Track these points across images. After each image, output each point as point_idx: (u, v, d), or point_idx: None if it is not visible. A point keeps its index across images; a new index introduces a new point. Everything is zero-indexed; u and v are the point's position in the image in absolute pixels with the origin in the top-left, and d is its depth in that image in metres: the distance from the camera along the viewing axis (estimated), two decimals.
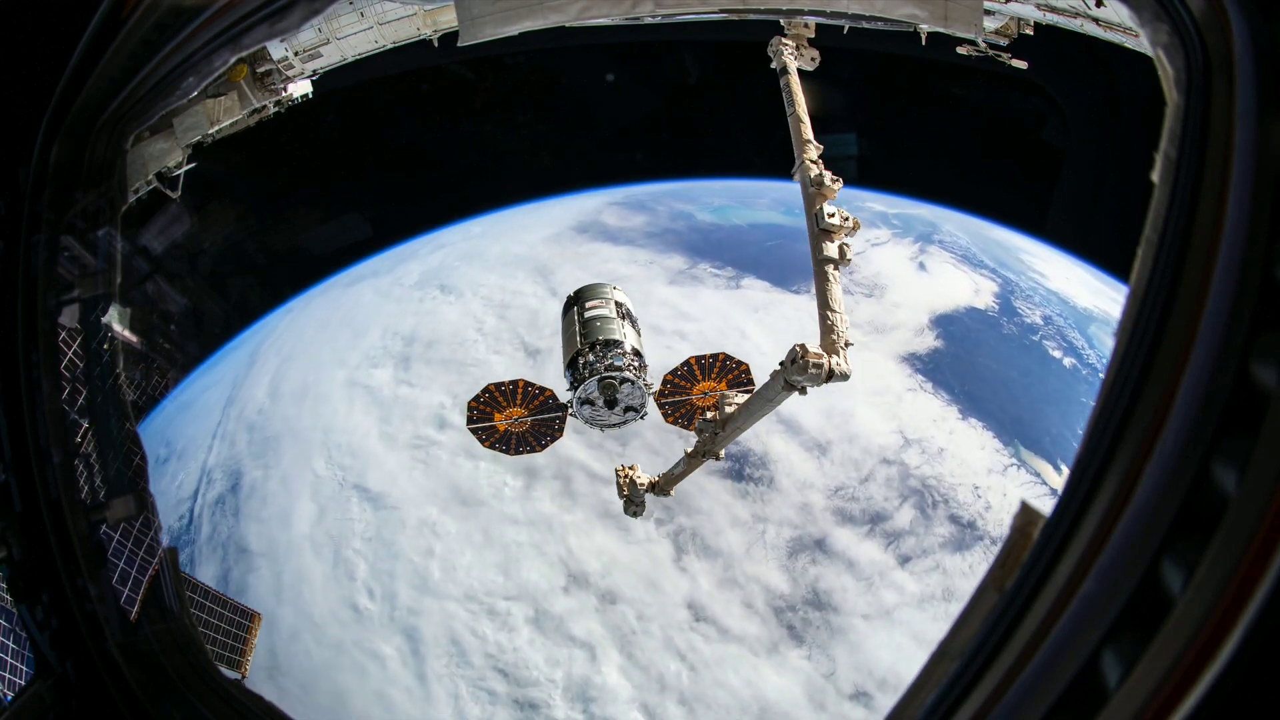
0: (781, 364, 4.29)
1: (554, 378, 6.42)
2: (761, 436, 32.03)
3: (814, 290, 4.36)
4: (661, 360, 6.52)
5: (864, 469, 31.20)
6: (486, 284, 41.96)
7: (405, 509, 31.65)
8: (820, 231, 4.44)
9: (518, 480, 32.76)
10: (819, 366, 4.08)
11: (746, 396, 5.61)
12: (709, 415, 5.73)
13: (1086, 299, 34.96)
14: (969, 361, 34.32)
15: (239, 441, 34.16)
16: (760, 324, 37.23)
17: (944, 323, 35.74)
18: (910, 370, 33.88)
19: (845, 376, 4.16)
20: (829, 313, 4.23)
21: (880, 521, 29.63)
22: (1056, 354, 33.43)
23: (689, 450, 6.20)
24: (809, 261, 4.42)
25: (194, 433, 34.23)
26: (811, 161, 4.82)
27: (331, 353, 39.06)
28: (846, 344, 4.20)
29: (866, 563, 28.60)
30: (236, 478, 32.47)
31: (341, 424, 35.03)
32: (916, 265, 39.54)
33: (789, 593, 28.84)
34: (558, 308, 6.67)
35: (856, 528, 29.62)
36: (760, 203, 45.43)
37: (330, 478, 32.87)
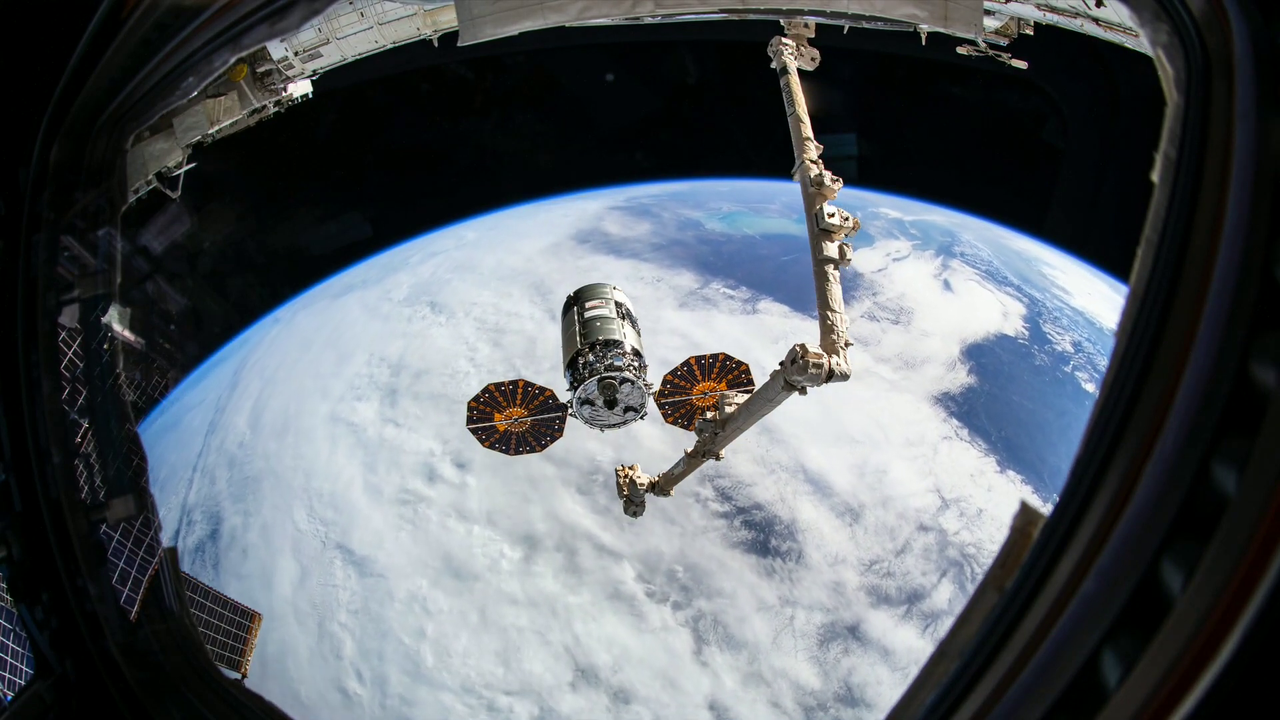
0: (781, 364, 4.29)
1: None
2: (789, 501, 29.33)
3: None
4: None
5: (900, 538, 28.27)
6: (480, 302, 38.63)
7: (393, 578, 28.61)
8: (820, 231, 4.44)
9: (515, 550, 29.36)
10: (819, 366, 4.08)
11: (746, 396, 5.61)
12: (709, 415, 5.73)
13: (1112, 318, 33.43)
14: (1004, 400, 31.93)
15: (219, 479, 31.93)
16: (781, 357, 34.31)
17: (975, 354, 33.30)
18: (945, 414, 31.41)
19: (845, 376, 4.16)
20: (829, 313, 4.23)
21: (918, 600, 26.88)
22: (1090, 387, 31.87)
23: (689, 450, 6.20)
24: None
25: (175, 461, 32.35)
26: (811, 161, 4.82)
27: (315, 379, 36.11)
28: (846, 344, 4.20)
29: (903, 651, 25.83)
30: (216, 522, 30.37)
31: (323, 468, 32.09)
32: (941, 284, 37.11)
33: (820, 688, 25.43)
34: (557, 334, 6.52)
35: (893, 609, 26.81)
36: (771, 209, 42.63)
37: (312, 533, 29.91)
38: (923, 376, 32.72)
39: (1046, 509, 2.10)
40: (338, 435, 33.42)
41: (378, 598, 28.26)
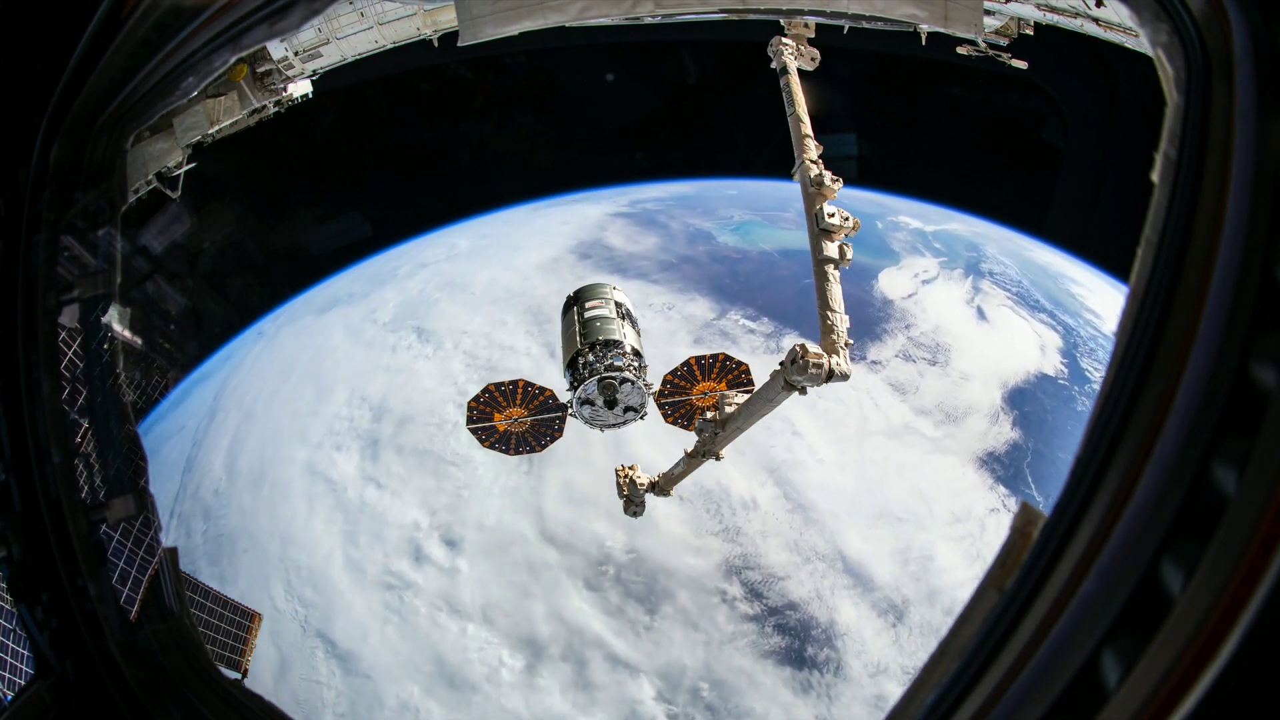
0: (781, 364, 4.30)
1: (558, 482, 6.03)
2: (826, 599, 26.20)
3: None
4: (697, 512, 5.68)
5: None
6: (471, 331, 34.96)
7: (381, 680, 25.21)
8: (820, 231, 4.44)
9: (516, 658, 25.60)
10: (819, 366, 4.09)
11: (747, 397, 5.61)
12: (709, 415, 5.73)
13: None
14: (1049, 458, 29.21)
15: (195, 531, 29.39)
16: (812, 411, 30.00)
17: (1017, 400, 30.73)
18: (991, 479, 28.57)
19: (845, 376, 4.16)
20: (829, 313, 4.24)
21: None
22: None
23: (689, 450, 6.20)
24: (870, 312, 4.39)
25: (154, 498, 29.82)
26: (811, 161, 4.82)
27: (292, 418, 33.10)
28: (846, 344, 4.20)
29: None
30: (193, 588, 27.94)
31: (301, 534, 28.93)
32: (975, 312, 34.71)
33: None
34: (557, 372, 6.26)
35: None
36: (785, 219, 39.09)
37: (291, 614, 26.91)
38: (965, 433, 30.19)
39: (1046, 509, 2.11)
40: (316, 494, 30.28)
41: (366, 702, 25.06)
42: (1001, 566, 2.22)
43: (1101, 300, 33.70)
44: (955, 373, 32.24)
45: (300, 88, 7.50)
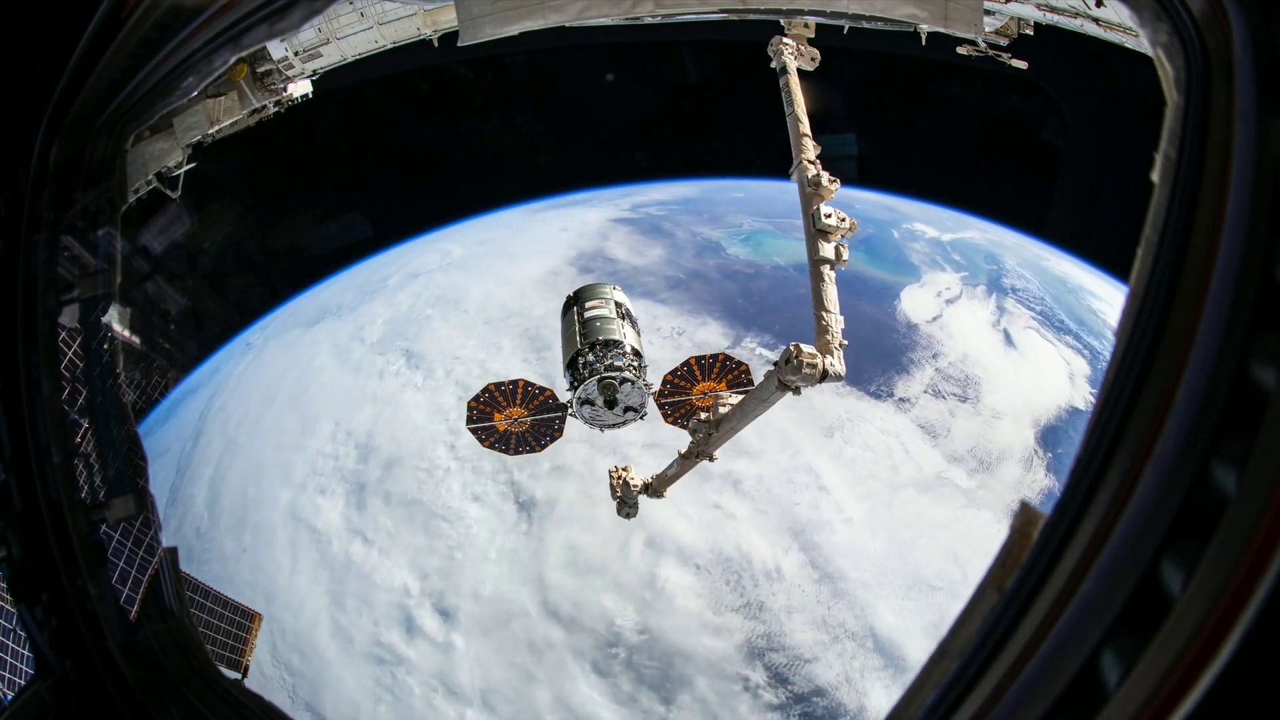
0: (776, 364, 4.30)
1: (560, 545, 5.79)
2: (856, 682, 23.98)
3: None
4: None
5: None
6: (463, 357, 32.48)
7: None
8: (817, 232, 4.45)
9: None
10: (813, 366, 4.09)
11: (742, 397, 5.60)
12: (703, 416, 5.73)
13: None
14: None
15: None
16: (839, 460, 28.00)
17: (1050, 440, 28.66)
18: None
19: (839, 377, 4.17)
20: (823, 313, 4.24)
21: None
22: None
23: (682, 451, 6.20)
24: (895, 338, 4.38)
25: None
26: (809, 161, 4.82)
27: (276, 451, 31.09)
28: (841, 344, 4.21)
29: None
30: None
31: (284, 592, 26.87)
32: (1001, 336, 32.53)
33: None
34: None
35: None
36: (797, 227, 35.38)
37: (278, 681, 24.71)
38: (1000, 482, 28.09)
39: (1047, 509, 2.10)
40: (299, 543, 28.20)
41: None
42: (1001, 566, 2.22)
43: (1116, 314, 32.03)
44: (986, 410, 30.15)
45: (300, 88, 7.50)
